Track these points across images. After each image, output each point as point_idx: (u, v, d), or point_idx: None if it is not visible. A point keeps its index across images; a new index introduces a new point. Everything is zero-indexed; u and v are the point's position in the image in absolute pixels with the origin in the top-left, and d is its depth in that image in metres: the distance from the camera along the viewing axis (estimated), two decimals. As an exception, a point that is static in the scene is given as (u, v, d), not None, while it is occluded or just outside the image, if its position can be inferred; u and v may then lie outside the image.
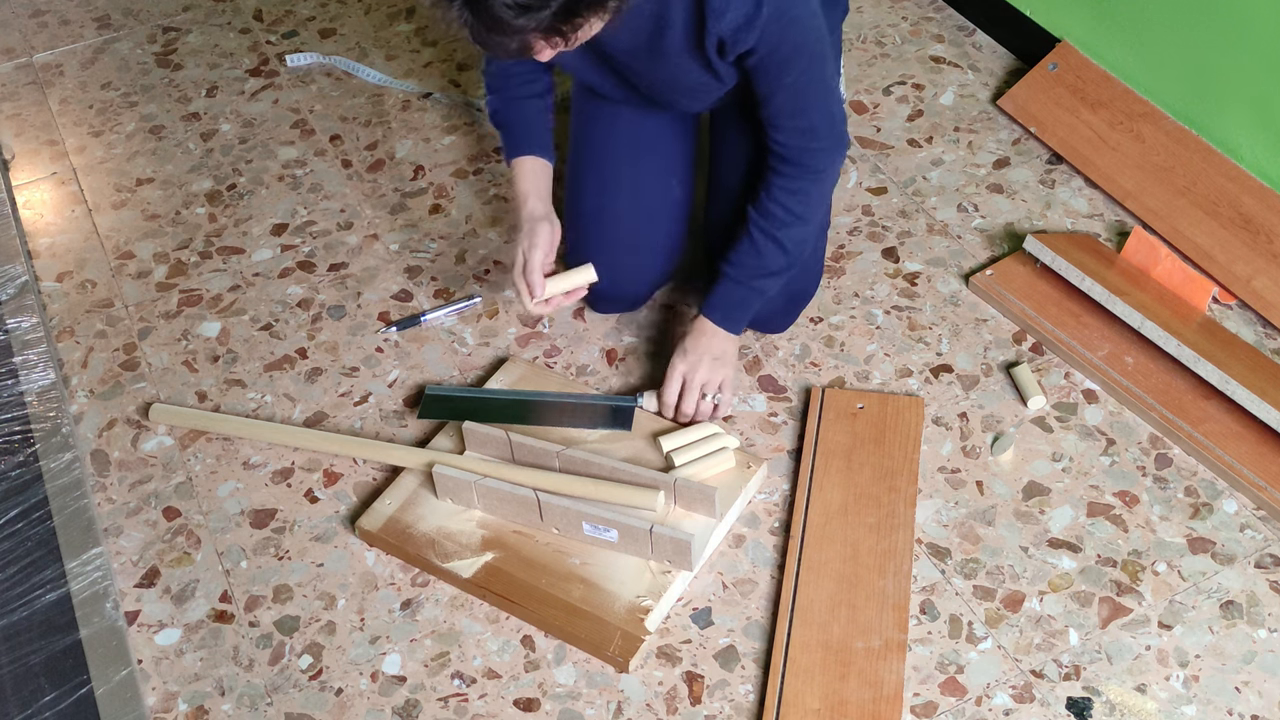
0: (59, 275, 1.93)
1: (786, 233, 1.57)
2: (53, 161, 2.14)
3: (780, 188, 1.55)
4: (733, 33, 1.40)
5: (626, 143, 1.73)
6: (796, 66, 1.45)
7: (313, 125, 2.17)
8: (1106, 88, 2.00)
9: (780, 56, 1.44)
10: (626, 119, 1.73)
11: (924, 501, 1.57)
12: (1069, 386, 1.69)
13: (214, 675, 1.45)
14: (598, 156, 1.74)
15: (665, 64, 1.51)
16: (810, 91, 1.49)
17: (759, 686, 1.41)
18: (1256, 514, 1.54)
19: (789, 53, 1.44)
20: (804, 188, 1.56)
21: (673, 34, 1.45)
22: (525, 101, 1.66)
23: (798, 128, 1.52)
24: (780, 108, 1.50)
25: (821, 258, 1.78)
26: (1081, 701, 1.38)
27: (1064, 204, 1.95)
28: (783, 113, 1.51)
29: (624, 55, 1.53)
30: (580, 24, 1.27)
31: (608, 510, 1.49)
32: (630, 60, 1.54)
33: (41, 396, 1.72)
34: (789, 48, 1.43)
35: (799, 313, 1.77)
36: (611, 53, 1.53)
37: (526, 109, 1.66)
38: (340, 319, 1.84)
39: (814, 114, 1.51)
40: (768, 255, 1.58)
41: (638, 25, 1.44)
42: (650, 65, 1.53)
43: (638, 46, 1.49)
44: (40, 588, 1.51)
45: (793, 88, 1.48)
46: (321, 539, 1.57)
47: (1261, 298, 1.76)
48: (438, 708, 1.41)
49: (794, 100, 1.49)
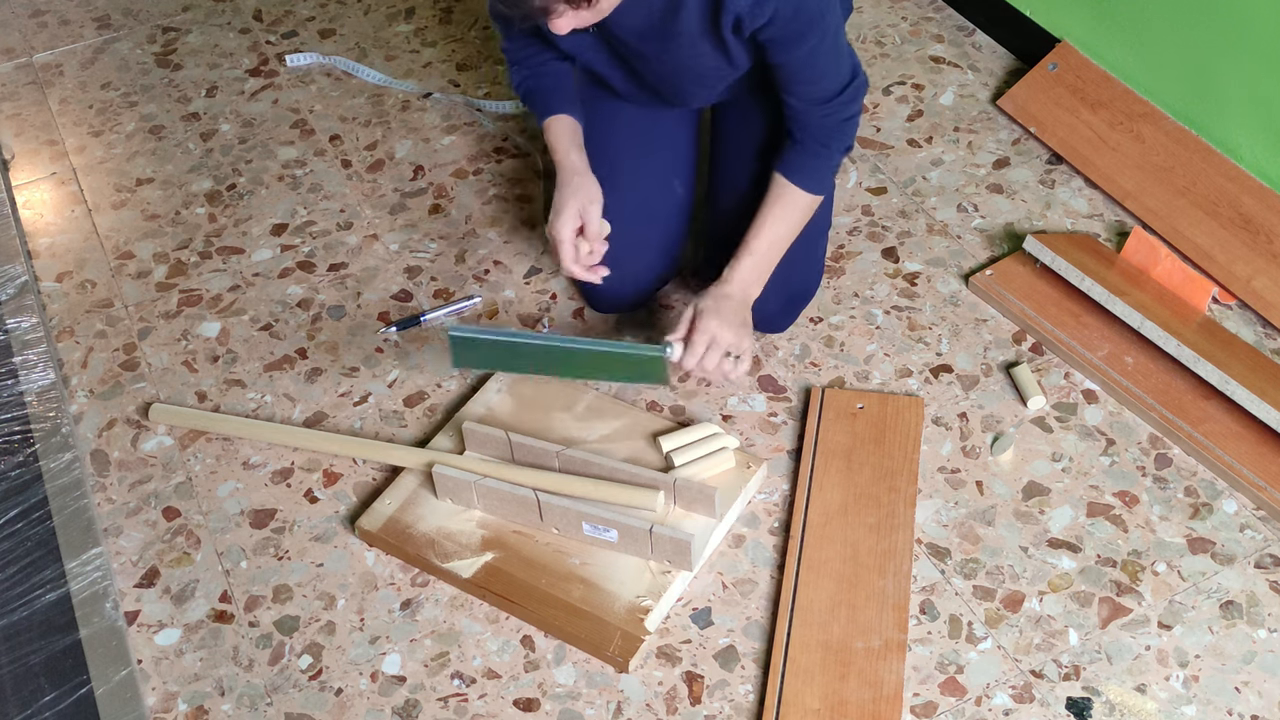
0: (59, 275, 1.93)
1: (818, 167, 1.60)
2: (53, 161, 2.14)
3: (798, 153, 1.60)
4: (750, 8, 1.41)
5: (629, 142, 1.73)
6: (810, 38, 1.47)
7: (312, 125, 2.17)
8: (1106, 88, 2.00)
9: (794, 29, 1.45)
10: (630, 117, 1.73)
11: (924, 501, 1.57)
12: (1069, 386, 1.69)
13: (214, 675, 1.45)
14: (601, 155, 1.74)
15: (678, 47, 1.51)
16: (821, 61, 1.51)
17: (759, 686, 1.41)
18: (1256, 514, 1.54)
19: (803, 25, 1.45)
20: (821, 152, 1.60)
21: (687, 14, 1.45)
22: (551, 64, 1.67)
23: (811, 95, 1.54)
24: (794, 75, 1.52)
25: (822, 257, 1.78)
26: (1081, 701, 1.38)
27: (1064, 204, 1.95)
28: (797, 79, 1.53)
29: (635, 38, 1.53)
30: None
31: (607, 510, 1.49)
32: (641, 44, 1.54)
33: (41, 396, 1.72)
34: (804, 20, 1.45)
35: (799, 312, 1.77)
36: (624, 38, 1.53)
37: (554, 70, 1.67)
38: (340, 319, 1.84)
39: (827, 80, 1.53)
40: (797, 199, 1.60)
41: (652, 5, 1.45)
42: (662, 49, 1.53)
43: (651, 27, 1.49)
44: (40, 588, 1.51)
45: (807, 58, 1.50)
46: (321, 539, 1.57)
47: (1261, 298, 1.76)
48: (438, 708, 1.41)
49: (807, 68, 1.51)
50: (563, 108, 1.66)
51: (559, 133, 1.64)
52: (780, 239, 1.61)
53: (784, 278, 1.69)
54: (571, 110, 1.66)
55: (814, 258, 1.74)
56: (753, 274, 1.59)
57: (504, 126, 2.15)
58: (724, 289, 1.58)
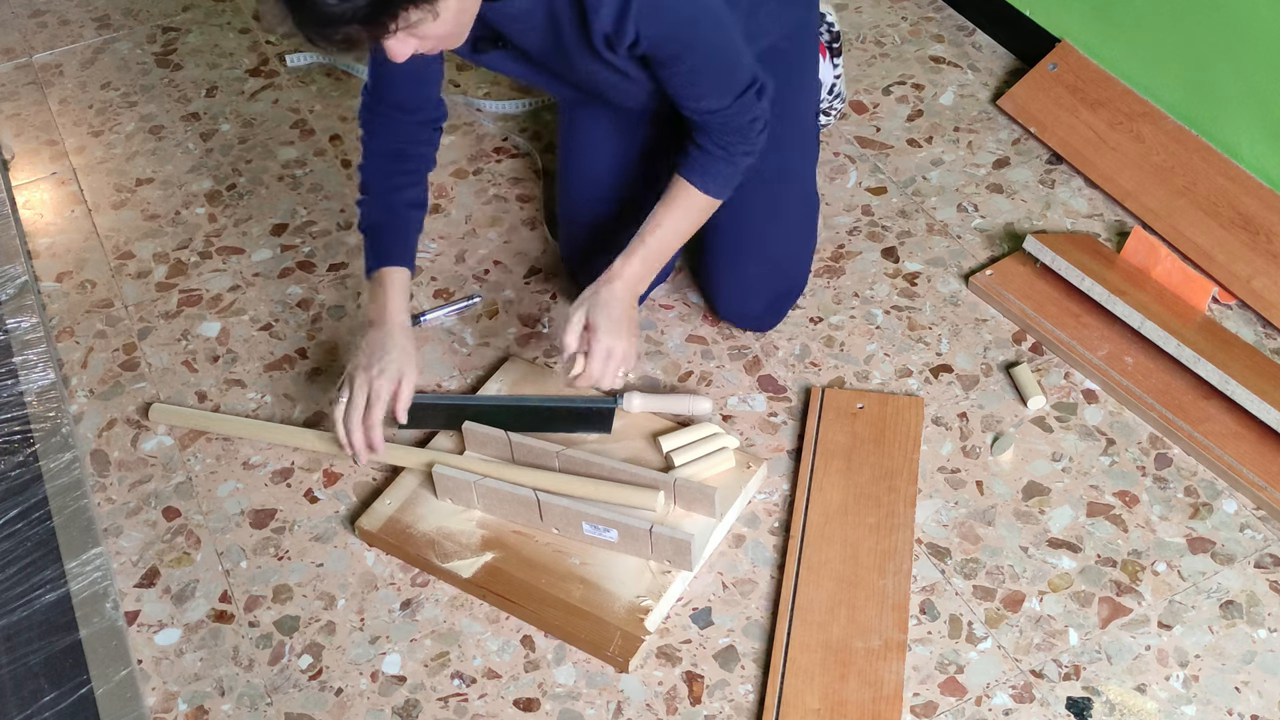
0: (59, 275, 1.93)
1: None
2: (52, 161, 2.14)
3: (698, 147, 1.53)
4: (613, 25, 1.36)
5: (608, 136, 1.72)
6: (686, 58, 1.42)
7: (312, 125, 2.17)
8: (1106, 88, 2.00)
9: (666, 51, 1.40)
10: (609, 115, 1.72)
11: (924, 501, 1.57)
12: (1069, 386, 1.69)
13: (214, 675, 1.45)
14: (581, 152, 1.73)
15: (573, 63, 1.47)
16: (704, 77, 1.45)
17: (759, 686, 1.41)
18: (1256, 514, 1.54)
19: (674, 48, 1.40)
20: (719, 153, 1.53)
21: (567, 32, 1.41)
22: (402, 208, 1.58)
23: (701, 107, 1.48)
24: (678, 90, 1.47)
25: (809, 258, 1.78)
26: (1081, 701, 1.38)
27: (1064, 204, 1.95)
28: (682, 94, 1.47)
29: (540, 56, 1.49)
30: (401, 17, 1.18)
31: (607, 510, 1.49)
32: (547, 61, 1.50)
33: (41, 396, 1.72)
34: (672, 43, 1.39)
35: (784, 312, 1.76)
36: (534, 56, 1.49)
37: (404, 215, 1.59)
38: (340, 319, 1.84)
39: (713, 96, 1.47)
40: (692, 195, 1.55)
41: (537, 25, 1.40)
42: (564, 65, 1.49)
43: (546, 47, 1.45)
44: (40, 588, 1.51)
45: (688, 75, 1.44)
46: (321, 539, 1.57)
47: (1261, 298, 1.76)
48: (438, 708, 1.41)
49: (690, 85, 1.46)
50: (402, 259, 1.57)
51: (396, 286, 1.55)
52: (672, 236, 1.55)
53: (770, 277, 1.69)
54: (409, 264, 1.58)
55: (801, 258, 1.74)
56: (642, 268, 1.54)
57: (504, 126, 2.15)
58: (612, 285, 1.52)
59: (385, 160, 1.58)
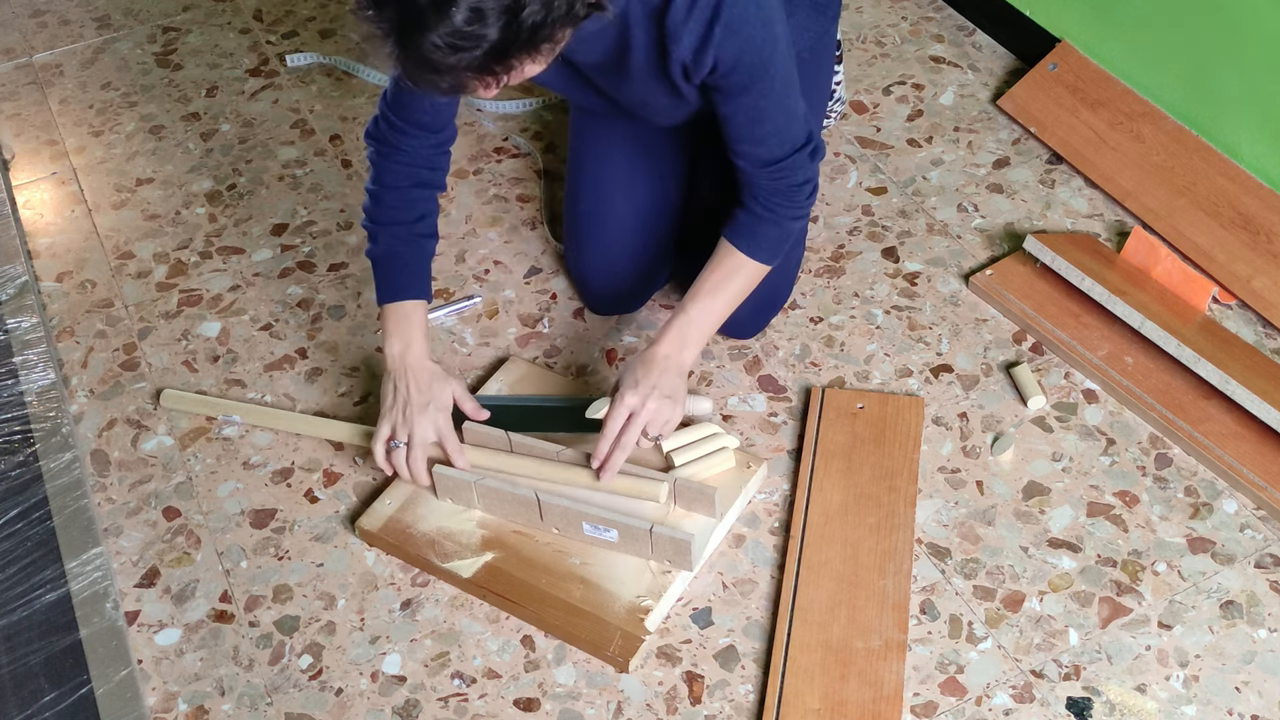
0: (59, 275, 1.93)
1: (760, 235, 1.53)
2: (53, 161, 2.14)
3: (749, 212, 1.52)
4: (693, 55, 1.36)
5: (623, 145, 1.73)
6: (754, 89, 1.41)
7: (313, 125, 2.17)
8: (1106, 88, 2.00)
9: (737, 80, 1.40)
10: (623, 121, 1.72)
11: (924, 501, 1.57)
12: (1069, 386, 1.69)
13: (214, 675, 1.45)
14: (595, 158, 1.73)
15: (632, 83, 1.47)
16: (767, 116, 1.44)
17: (759, 686, 1.41)
18: (1256, 514, 1.54)
19: (745, 76, 1.39)
20: (771, 216, 1.52)
21: (636, 56, 1.41)
22: (419, 239, 1.57)
23: (757, 155, 1.47)
24: (738, 130, 1.45)
25: (797, 265, 1.78)
26: (1081, 701, 1.38)
27: (1064, 204, 1.95)
28: (740, 136, 1.46)
29: (593, 72, 1.49)
30: (514, 65, 1.20)
31: (608, 510, 1.49)
32: (600, 77, 1.50)
33: (41, 396, 1.72)
34: (745, 70, 1.38)
35: (769, 319, 1.76)
36: (582, 69, 1.50)
37: (421, 245, 1.57)
38: (340, 319, 1.84)
39: (773, 141, 1.46)
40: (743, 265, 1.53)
41: (605, 44, 1.41)
42: (619, 83, 1.49)
43: (607, 64, 1.45)
44: (40, 588, 1.51)
45: (752, 109, 1.43)
46: (321, 539, 1.57)
47: (1261, 298, 1.76)
48: (438, 708, 1.41)
49: (753, 123, 1.44)
50: (424, 291, 1.56)
51: (417, 322, 1.55)
52: (720, 306, 1.53)
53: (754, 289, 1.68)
54: (429, 296, 1.57)
55: (787, 266, 1.73)
56: (684, 339, 1.50)
57: (504, 126, 2.15)
58: (653, 354, 1.49)
59: (405, 190, 1.55)
